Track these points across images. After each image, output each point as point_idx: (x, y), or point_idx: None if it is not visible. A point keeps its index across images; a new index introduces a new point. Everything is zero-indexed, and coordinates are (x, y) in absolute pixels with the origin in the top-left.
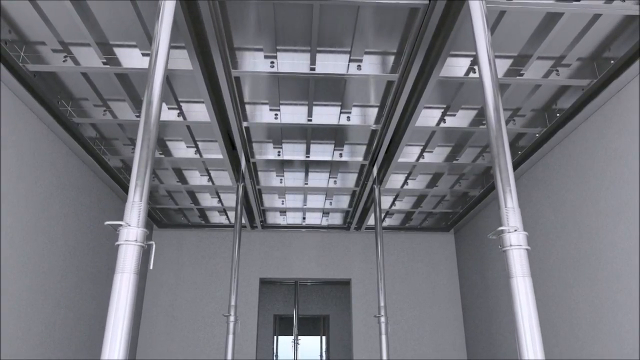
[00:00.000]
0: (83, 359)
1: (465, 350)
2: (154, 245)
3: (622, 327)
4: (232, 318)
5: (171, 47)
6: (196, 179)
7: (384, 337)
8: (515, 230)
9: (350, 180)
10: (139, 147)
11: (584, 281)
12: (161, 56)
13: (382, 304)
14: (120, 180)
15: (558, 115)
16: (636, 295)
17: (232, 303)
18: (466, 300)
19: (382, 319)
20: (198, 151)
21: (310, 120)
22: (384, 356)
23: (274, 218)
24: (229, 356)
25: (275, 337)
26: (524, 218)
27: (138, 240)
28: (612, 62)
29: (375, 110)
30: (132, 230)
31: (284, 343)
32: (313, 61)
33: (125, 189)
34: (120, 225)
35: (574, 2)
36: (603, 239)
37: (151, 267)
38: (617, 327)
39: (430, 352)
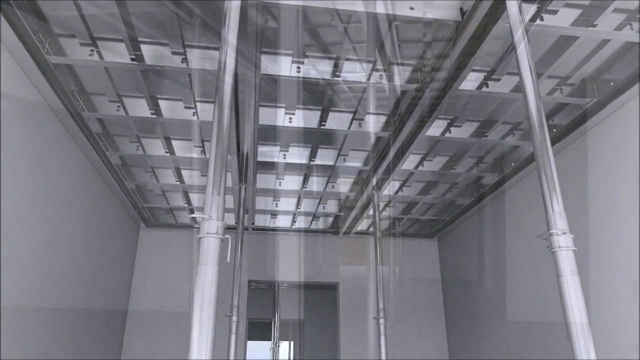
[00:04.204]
0: (83, 359)
1: (447, 352)
2: (229, 239)
3: (621, 328)
4: (234, 318)
5: (201, 47)
6: (195, 179)
7: (382, 339)
8: (564, 233)
9: (346, 185)
10: (214, 147)
11: (583, 282)
12: (230, 59)
13: (381, 305)
14: (118, 178)
15: (555, 130)
16: (636, 296)
17: (235, 303)
18: (449, 305)
19: (381, 321)
20: (204, 151)
21: (324, 126)
22: (383, 356)
23: (264, 220)
24: (231, 356)
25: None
26: (523, 223)
27: (218, 232)
28: (612, 83)
29: (384, 118)
30: (212, 223)
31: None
32: (340, 69)
33: (123, 188)
34: (202, 218)
35: (590, 28)
36: (601, 240)
37: (228, 260)
38: (616, 327)
39: (415, 354)
